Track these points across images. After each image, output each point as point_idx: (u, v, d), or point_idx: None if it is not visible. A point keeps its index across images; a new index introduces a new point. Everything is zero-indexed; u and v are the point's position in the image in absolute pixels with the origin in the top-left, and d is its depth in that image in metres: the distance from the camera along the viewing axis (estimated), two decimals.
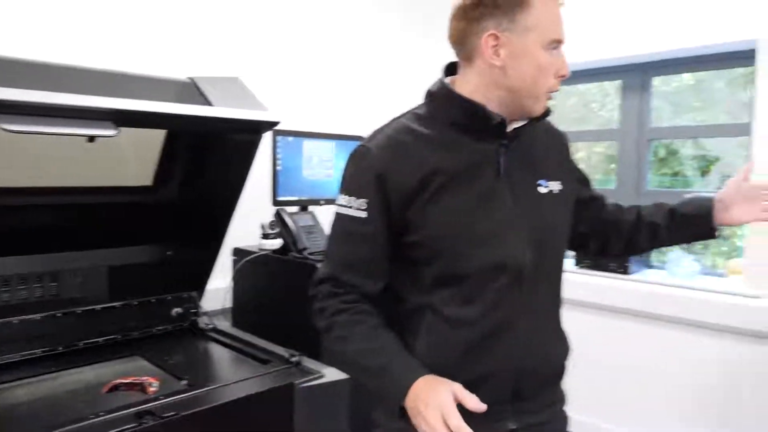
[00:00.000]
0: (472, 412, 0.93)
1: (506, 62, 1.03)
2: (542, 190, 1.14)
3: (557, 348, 1.19)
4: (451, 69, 1.14)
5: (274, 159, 2.03)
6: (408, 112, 1.13)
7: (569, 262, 2.75)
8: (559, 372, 1.20)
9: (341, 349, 1.07)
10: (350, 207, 1.08)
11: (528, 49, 1.02)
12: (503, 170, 1.09)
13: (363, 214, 1.06)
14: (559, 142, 1.24)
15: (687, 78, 2.73)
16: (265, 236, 2.04)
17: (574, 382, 2.71)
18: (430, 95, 1.12)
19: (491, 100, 1.06)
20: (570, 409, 1.23)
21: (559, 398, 1.22)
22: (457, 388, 0.95)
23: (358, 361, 1.07)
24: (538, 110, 1.07)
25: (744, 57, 2.30)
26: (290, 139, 2.06)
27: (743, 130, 2.33)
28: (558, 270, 1.18)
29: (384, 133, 1.09)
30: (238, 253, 2.10)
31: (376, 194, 1.05)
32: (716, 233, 1.25)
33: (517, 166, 1.10)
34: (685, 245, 1.43)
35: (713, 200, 1.25)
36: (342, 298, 1.08)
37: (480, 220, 1.06)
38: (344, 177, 1.12)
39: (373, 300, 1.10)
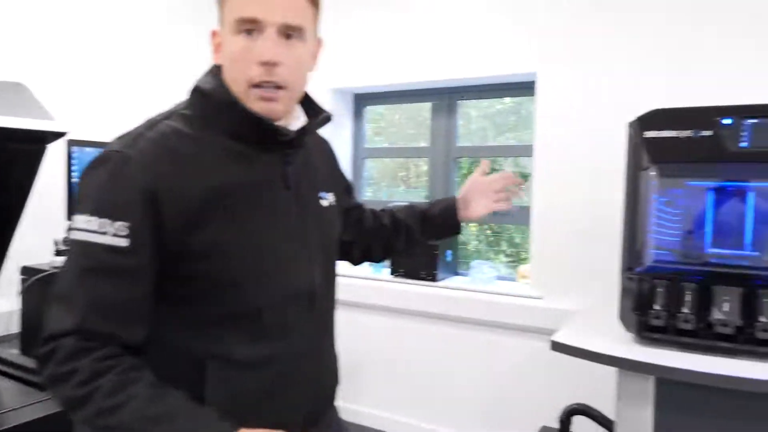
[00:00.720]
0: None
1: (222, 59, 0.94)
2: (324, 203, 1.09)
3: (336, 362, 1.15)
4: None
5: (69, 171, 1.89)
6: (172, 113, 0.94)
7: (385, 271, 2.90)
8: (337, 384, 1.15)
9: (117, 422, 0.80)
10: (102, 233, 0.83)
11: (225, 39, 0.92)
12: (290, 184, 1.00)
13: (123, 243, 0.83)
14: (327, 151, 1.20)
15: (507, 101, 3.02)
16: (59, 253, 1.89)
17: (388, 385, 2.85)
18: (204, 95, 0.94)
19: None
20: (385, 409, 1.30)
21: (336, 410, 1.19)
22: None
23: None
24: (255, 108, 0.92)
25: (529, 87, 2.61)
26: (87, 149, 1.93)
27: (530, 150, 2.64)
28: (335, 286, 1.12)
29: (146, 139, 0.88)
30: (27, 271, 1.92)
31: (144, 216, 0.84)
32: (461, 229, 1.39)
33: (301, 179, 1.02)
34: (435, 241, 1.57)
35: (456, 199, 1.37)
36: (96, 354, 0.82)
37: (271, 241, 0.95)
38: (87, 193, 0.87)
39: (136, 352, 0.87)
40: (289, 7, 0.90)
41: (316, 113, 1.05)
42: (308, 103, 1.07)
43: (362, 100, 3.19)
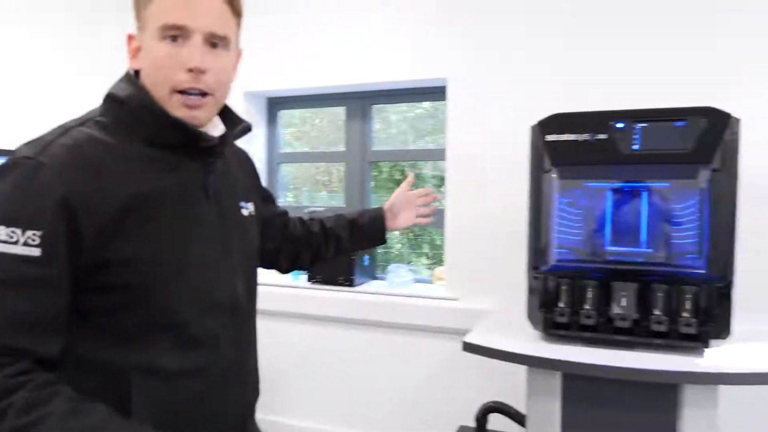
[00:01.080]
0: None
1: (141, 64, 0.92)
2: (244, 212, 1.08)
3: (258, 375, 1.14)
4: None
5: None
6: (86, 120, 0.91)
7: (303, 278, 2.86)
8: (258, 397, 1.15)
9: None
10: (13, 242, 0.79)
11: (146, 44, 0.90)
12: (211, 193, 0.98)
13: (35, 252, 0.79)
14: (244, 161, 1.20)
15: (426, 105, 3.04)
16: None
17: (307, 393, 2.79)
18: (119, 102, 0.91)
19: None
20: (304, 418, 1.27)
21: (255, 425, 1.18)
22: None
23: None
24: (177, 114, 0.90)
25: (441, 91, 2.65)
26: None
27: (442, 154, 2.68)
28: (256, 296, 1.12)
29: (61, 144, 0.84)
30: None
31: (59, 225, 0.81)
32: (386, 239, 1.48)
33: (221, 188, 1.01)
34: (361, 250, 1.69)
35: (383, 210, 1.46)
36: (8, 371, 0.78)
37: (193, 253, 0.92)
38: None
39: (51, 366, 0.83)
40: (215, 17, 0.90)
41: (234, 123, 1.04)
42: (226, 113, 1.06)
43: (276, 104, 3.14)
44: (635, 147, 1.65)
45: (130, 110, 0.91)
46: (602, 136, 1.67)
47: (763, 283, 2.10)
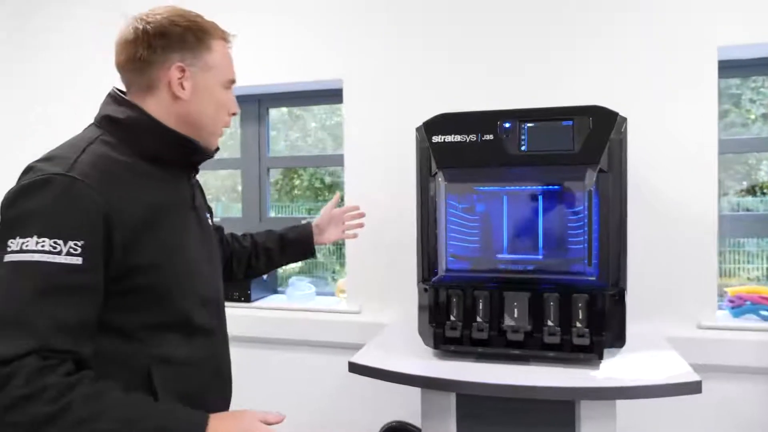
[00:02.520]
0: None
1: (190, 96, 1.05)
2: (210, 222, 1.23)
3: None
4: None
5: None
6: (94, 139, 0.99)
7: None
8: None
9: (99, 429, 0.84)
10: (57, 252, 0.85)
11: (209, 87, 1.07)
12: (194, 203, 1.13)
13: (78, 261, 0.87)
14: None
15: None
16: None
17: None
18: (118, 123, 1.02)
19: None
20: None
21: None
22: (256, 412, 0.95)
23: None
24: (214, 144, 1.12)
25: (339, 94, 2.51)
26: None
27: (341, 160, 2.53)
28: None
29: (86, 163, 0.93)
30: None
31: (98, 235, 0.89)
32: (315, 253, 1.60)
33: (198, 199, 1.17)
34: (293, 264, 1.72)
35: (311, 226, 1.60)
36: (60, 370, 0.85)
37: (190, 254, 1.06)
38: (29, 216, 0.87)
39: (87, 365, 0.91)
40: None
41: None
42: None
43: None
44: (523, 148, 1.56)
45: (131, 130, 1.01)
46: (489, 137, 1.57)
47: (659, 288, 2.07)
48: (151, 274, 0.97)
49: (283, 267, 2.29)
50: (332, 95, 2.59)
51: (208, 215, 1.24)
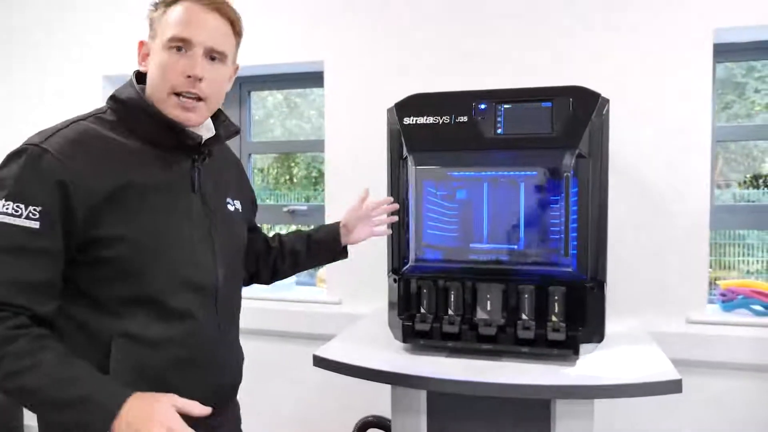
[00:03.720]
0: None
1: (148, 68, 1.06)
2: (230, 207, 1.19)
3: (240, 357, 1.26)
4: (142, 76, 1.08)
5: None
6: (89, 116, 1.05)
7: None
8: (240, 381, 1.27)
9: (21, 384, 0.89)
10: (15, 215, 0.92)
11: (154, 51, 1.04)
12: (197, 187, 1.10)
13: (35, 225, 0.93)
14: (234, 163, 1.30)
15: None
16: None
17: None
18: (120, 102, 1.05)
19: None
20: None
21: (236, 404, 1.30)
22: (177, 399, 0.91)
23: (48, 395, 0.89)
24: (171, 114, 1.04)
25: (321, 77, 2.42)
26: None
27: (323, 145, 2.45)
28: (241, 286, 1.25)
29: (63, 135, 0.98)
30: None
31: (56, 203, 0.93)
32: (347, 253, 1.50)
33: (209, 184, 1.12)
34: (321, 265, 1.55)
35: (339, 225, 1.48)
36: (8, 323, 0.91)
37: (176, 238, 1.04)
38: (3, 181, 0.95)
39: (45, 324, 0.96)
40: (216, 34, 1.05)
41: (226, 127, 1.18)
42: (220, 118, 1.19)
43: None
44: (499, 131, 1.46)
45: (129, 110, 1.04)
46: (463, 119, 1.48)
47: (647, 280, 1.98)
48: (114, 247, 0.97)
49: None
50: (314, 78, 2.50)
51: (233, 203, 1.21)
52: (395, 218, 1.50)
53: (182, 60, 1.02)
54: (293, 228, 2.58)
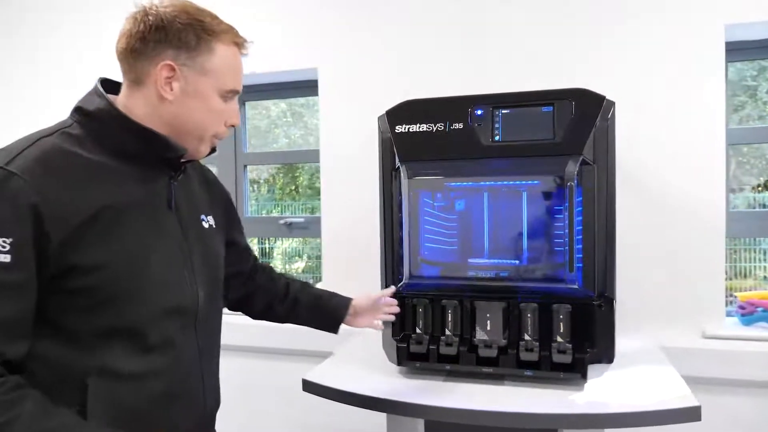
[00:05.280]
0: None
1: (177, 97, 0.98)
2: (205, 225, 1.13)
3: (218, 385, 1.18)
4: (105, 84, 1.02)
5: None
6: (54, 131, 0.95)
7: None
8: (219, 405, 1.19)
9: None
10: None
11: (201, 91, 0.98)
12: (173, 204, 1.04)
13: (6, 258, 0.83)
14: (204, 176, 1.23)
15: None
16: None
17: None
18: (88, 115, 0.97)
19: (157, 130, 0.98)
20: None
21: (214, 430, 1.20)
22: None
23: None
24: (201, 152, 1.03)
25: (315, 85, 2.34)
26: None
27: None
28: (221, 305, 1.19)
29: (27, 156, 0.89)
30: None
31: (28, 230, 0.85)
32: (336, 330, 1.40)
33: (183, 200, 1.07)
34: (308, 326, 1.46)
35: (349, 305, 1.39)
36: None
37: (155, 259, 0.97)
38: None
39: (17, 368, 0.87)
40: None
41: None
42: None
43: None
44: (497, 138, 1.37)
45: (99, 123, 0.96)
46: (458, 126, 1.38)
47: (660, 294, 1.87)
48: (94, 275, 0.90)
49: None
50: (309, 86, 2.42)
51: (206, 219, 1.15)
52: (393, 318, 1.42)
53: (228, 109, 1.03)
54: (290, 238, 2.49)
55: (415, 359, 1.40)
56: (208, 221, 1.15)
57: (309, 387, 1.42)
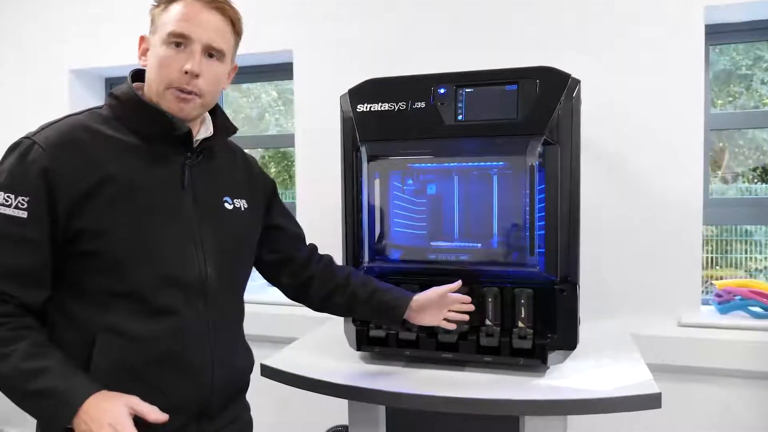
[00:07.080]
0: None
1: (147, 63, 1.06)
2: (228, 206, 1.15)
3: (243, 361, 1.19)
4: (138, 75, 1.09)
5: None
6: (86, 111, 1.06)
7: None
8: (244, 385, 1.20)
9: None
10: (6, 204, 0.94)
11: (154, 46, 1.04)
12: (187, 184, 1.07)
13: (23, 214, 0.95)
14: (244, 163, 1.25)
15: None
16: None
17: None
18: (116, 98, 1.06)
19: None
20: None
21: (243, 408, 1.22)
22: (134, 400, 0.92)
23: (18, 384, 0.91)
24: (167, 107, 1.03)
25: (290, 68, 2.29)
26: None
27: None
28: (243, 283, 1.19)
29: (55, 128, 1.00)
30: None
31: (41, 192, 0.95)
32: (402, 326, 1.31)
33: (201, 181, 1.10)
34: (370, 321, 1.38)
35: (411, 299, 1.27)
36: None
37: (159, 234, 1.02)
38: (2, 170, 0.98)
39: (34, 313, 0.98)
40: (215, 32, 1.05)
41: (225, 127, 1.17)
42: (220, 118, 1.17)
43: (115, 86, 2.70)
44: (460, 117, 1.33)
45: (123, 104, 1.05)
46: (421, 105, 1.34)
47: (634, 281, 1.83)
48: (101, 240, 0.97)
49: None
50: (285, 70, 2.37)
51: (235, 201, 1.16)
52: (466, 317, 1.30)
53: (180, 55, 1.02)
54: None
55: (375, 344, 1.37)
56: (234, 203, 1.16)
57: (267, 372, 1.38)
